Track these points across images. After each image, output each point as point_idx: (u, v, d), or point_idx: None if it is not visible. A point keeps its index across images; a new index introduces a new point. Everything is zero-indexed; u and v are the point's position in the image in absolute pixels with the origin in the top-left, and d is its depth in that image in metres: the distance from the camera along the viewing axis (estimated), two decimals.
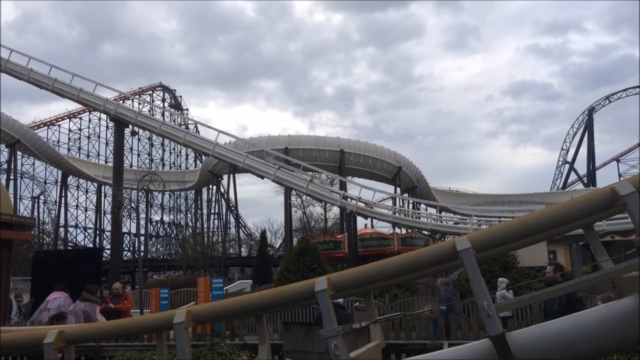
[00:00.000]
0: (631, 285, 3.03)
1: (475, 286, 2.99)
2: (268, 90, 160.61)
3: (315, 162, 39.73)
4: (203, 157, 57.20)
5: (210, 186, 56.80)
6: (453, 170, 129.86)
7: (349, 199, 32.34)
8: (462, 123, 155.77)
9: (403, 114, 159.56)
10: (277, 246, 53.39)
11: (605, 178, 65.52)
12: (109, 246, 43.34)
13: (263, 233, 40.14)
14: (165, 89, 76.43)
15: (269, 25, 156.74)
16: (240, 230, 58.77)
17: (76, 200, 64.39)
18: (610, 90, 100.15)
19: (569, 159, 69.85)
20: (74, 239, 62.53)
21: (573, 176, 70.11)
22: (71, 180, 59.24)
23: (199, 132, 56.10)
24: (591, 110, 68.80)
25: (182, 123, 63.74)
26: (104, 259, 32.09)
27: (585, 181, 67.52)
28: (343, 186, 38.26)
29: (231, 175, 47.26)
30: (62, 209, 56.06)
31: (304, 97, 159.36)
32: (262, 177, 33.74)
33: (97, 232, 59.08)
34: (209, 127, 45.56)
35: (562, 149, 70.78)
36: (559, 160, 70.96)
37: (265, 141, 42.48)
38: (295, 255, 19.28)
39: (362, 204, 32.19)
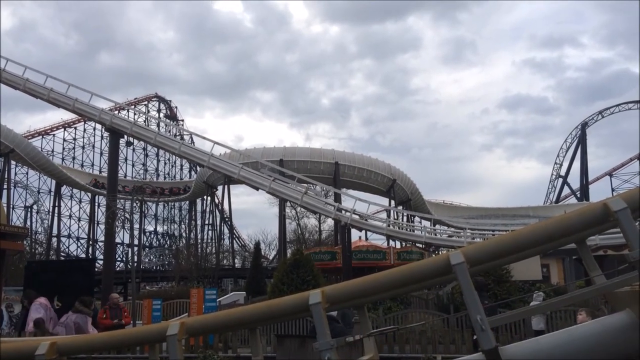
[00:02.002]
0: (623, 300, 3.05)
1: (468, 300, 3.00)
2: (265, 101, 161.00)
3: (310, 174, 39.76)
4: (198, 168, 57.17)
5: (205, 197, 56.68)
6: (448, 183, 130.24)
7: (343, 211, 32.34)
8: (457, 136, 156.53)
9: (399, 126, 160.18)
10: (271, 258, 53.24)
11: (599, 192, 65.97)
12: (101, 256, 43.16)
13: (257, 244, 40.08)
14: (160, 99, 76.56)
15: (267, 36, 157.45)
16: (234, 241, 58.64)
17: (69, 210, 64.23)
18: (606, 104, 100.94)
19: (562, 173, 70.28)
20: (67, 249, 62.20)
21: (566, 190, 70.49)
22: (65, 190, 59.05)
23: (194, 143, 56.11)
24: (584, 125, 69.32)
25: (177, 134, 63.76)
26: (96, 269, 31.90)
27: (579, 195, 67.83)
28: (338, 198, 38.28)
29: (226, 187, 47.22)
30: (55, 218, 55.82)
31: (301, 108, 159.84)
32: (257, 189, 33.72)
33: (90, 242, 58.80)
34: (204, 138, 45.41)
35: (556, 162, 71.25)
36: (552, 174, 71.43)
37: (260, 152, 42.52)
38: (289, 267, 19.20)
39: (357, 216, 32.20)
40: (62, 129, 64.32)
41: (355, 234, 35.79)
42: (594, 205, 3.19)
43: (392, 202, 47.70)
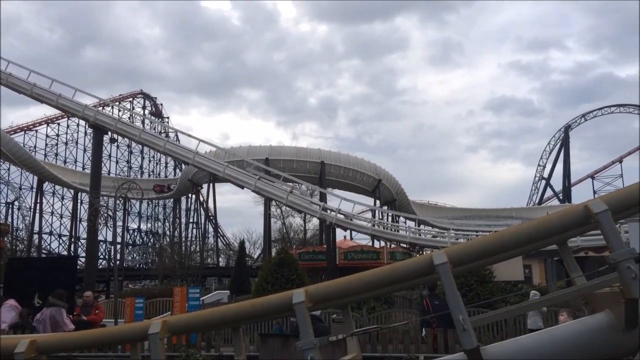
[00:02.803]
0: (603, 301, 3.09)
1: (451, 300, 3.02)
2: (251, 99, 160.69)
3: (296, 173, 39.74)
4: (183, 166, 56.81)
5: (190, 195, 56.36)
6: (433, 184, 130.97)
7: (328, 211, 32.37)
8: (443, 137, 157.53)
9: (386, 126, 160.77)
10: (255, 257, 53.09)
11: (581, 194, 66.77)
12: (83, 254, 42.66)
13: (242, 243, 39.93)
14: (146, 96, 75.93)
15: (255, 34, 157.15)
16: (219, 240, 58.37)
17: (51, 207, 63.45)
18: (590, 107, 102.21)
19: (546, 175, 71.01)
20: (48, 247, 61.47)
21: (549, 192, 71.23)
22: (47, 186, 58.34)
23: (179, 140, 55.72)
24: (567, 128, 70.12)
25: (163, 131, 63.26)
26: (78, 267, 31.54)
27: (561, 197, 68.58)
28: (323, 198, 38.30)
29: (211, 185, 47.01)
30: (37, 215, 55.12)
31: (288, 107, 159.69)
32: (242, 187, 33.61)
33: (72, 239, 58.12)
34: (189, 135, 45.06)
35: (539, 165, 72.01)
36: (535, 176, 72.16)
37: (246, 151, 42.36)
38: (274, 266, 19.17)
39: (342, 216, 32.24)
40: (45, 125, 63.55)
41: (340, 234, 35.87)
42: (575, 207, 3.22)
43: (377, 202, 47.83)
